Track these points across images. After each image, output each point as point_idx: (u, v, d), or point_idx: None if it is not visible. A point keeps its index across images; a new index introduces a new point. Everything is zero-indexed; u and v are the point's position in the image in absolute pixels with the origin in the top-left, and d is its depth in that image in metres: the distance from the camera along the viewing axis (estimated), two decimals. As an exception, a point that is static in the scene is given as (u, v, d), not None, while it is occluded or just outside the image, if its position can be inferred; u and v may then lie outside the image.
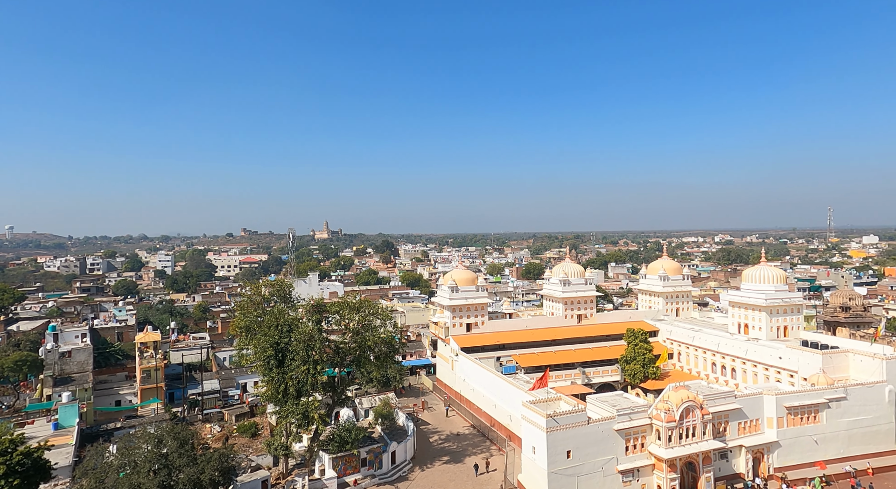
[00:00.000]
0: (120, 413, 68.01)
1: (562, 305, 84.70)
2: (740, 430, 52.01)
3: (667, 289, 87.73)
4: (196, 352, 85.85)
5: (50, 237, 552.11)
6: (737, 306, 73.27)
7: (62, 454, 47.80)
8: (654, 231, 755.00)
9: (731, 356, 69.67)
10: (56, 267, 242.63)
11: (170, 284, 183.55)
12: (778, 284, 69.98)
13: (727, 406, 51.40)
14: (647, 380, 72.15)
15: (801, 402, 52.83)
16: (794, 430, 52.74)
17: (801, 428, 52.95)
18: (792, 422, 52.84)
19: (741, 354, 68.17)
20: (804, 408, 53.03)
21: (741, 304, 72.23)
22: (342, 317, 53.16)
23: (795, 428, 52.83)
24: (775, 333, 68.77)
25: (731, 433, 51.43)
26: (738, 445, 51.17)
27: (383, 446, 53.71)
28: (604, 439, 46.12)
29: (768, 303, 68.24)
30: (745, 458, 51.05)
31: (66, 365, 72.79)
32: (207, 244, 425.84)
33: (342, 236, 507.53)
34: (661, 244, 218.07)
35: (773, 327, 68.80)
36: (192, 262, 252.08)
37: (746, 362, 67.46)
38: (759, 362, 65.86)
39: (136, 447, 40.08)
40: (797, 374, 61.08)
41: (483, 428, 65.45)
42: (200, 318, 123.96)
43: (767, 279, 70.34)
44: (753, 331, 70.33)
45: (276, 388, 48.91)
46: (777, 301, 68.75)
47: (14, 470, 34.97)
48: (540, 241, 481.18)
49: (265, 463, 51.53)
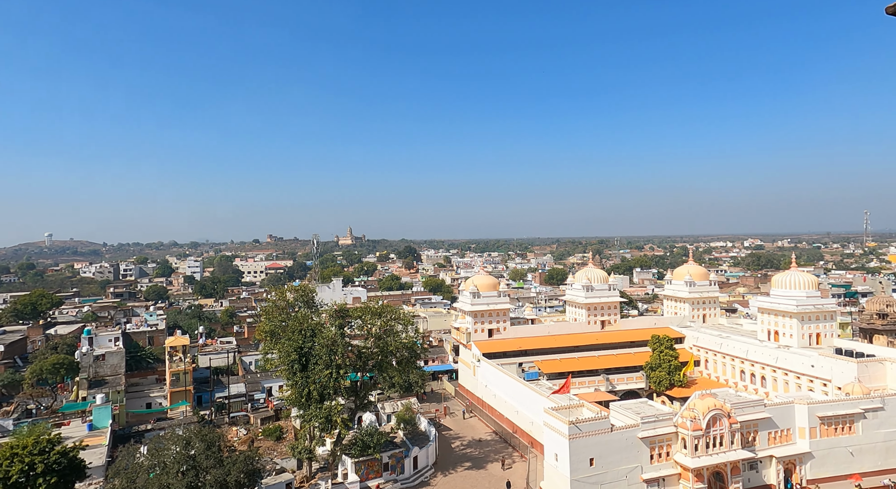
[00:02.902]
0: (150, 415, 69.90)
1: (585, 311, 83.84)
2: (770, 440, 50.57)
3: (693, 295, 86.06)
4: (223, 356, 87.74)
5: (86, 244, 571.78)
6: (766, 313, 71.43)
7: (96, 454, 49.36)
8: (680, 235, 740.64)
9: (761, 364, 67.85)
10: (91, 273, 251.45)
11: (198, 290, 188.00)
12: (810, 290, 68.02)
13: (756, 415, 50.09)
14: (672, 387, 70.78)
15: (835, 412, 51.14)
16: (827, 441, 51.04)
17: (836, 439, 51.22)
18: (826, 433, 51.15)
19: (771, 362, 66.34)
20: (838, 418, 51.31)
21: (771, 311, 70.38)
22: (364, 322, 53.71)
23: (829, 438, 51.13)
24: (807, 341, 66.77)
25: (760, 443, 50.06)
26: (769, 456, 49.76)
27: (405, 451, 53.92)
28: (628, 447, 45.45)
29: (799, 309, 66.35)
30: (775, 469, 49.60)
31: (101, 368, 75.25)
32: (235, 250, 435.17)
33: (365, 242, 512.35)
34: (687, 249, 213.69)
35: (805, 334, 66.82)
36: (220, 268, 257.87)
37: (777, 370, 65.61)
38: (790, 370, 64.00)
39: (165, 448, 41.18)
40: (831, 383, 59.14)
41: (505, 434, 65.13)
42: (227, 323, 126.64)
43: (799, 285, 68.43)
44: (784, 339, 68.41)
45: (299, 392, 49.67)
46: (809, 307, 66.79)
47: (51, 468, 36.36)
48: (563, 247, 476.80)
49: (289, 466, 52.30)
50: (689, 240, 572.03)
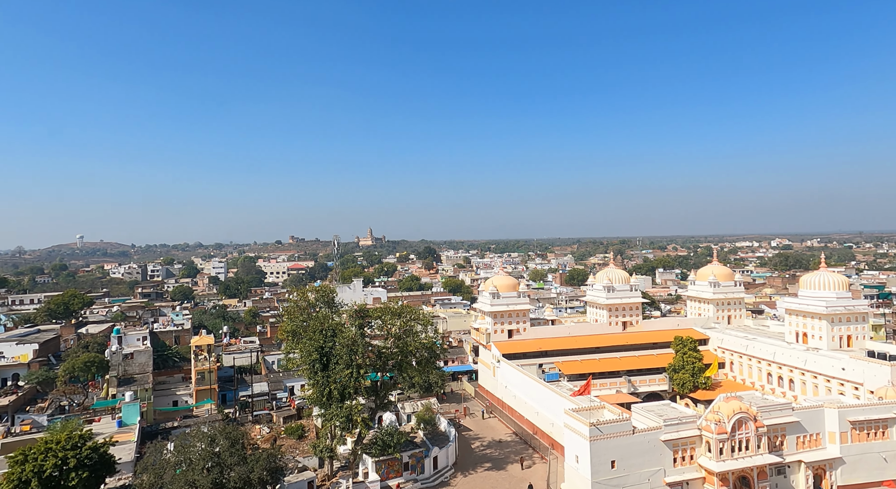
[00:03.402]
0: (177, 413, 71.53)
1: (606, 312, 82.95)
2: (799, 445, 49.28)
3: (717, 296, 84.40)
4: (246, 355, 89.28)
5: (115, 245, 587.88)
6: (794, 314, 69.62)
7: (125, 450, 50.70)
8: (704, 235, 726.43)
9: (789, 366, 66.17)
10: (120, 273, 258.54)
11: (222, 290, 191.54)
12: (840, 291, 66.07)
13: (784, 419, 48.87)
14: (696, 389, 69.54)
15: (867, 417, 49.60)
16: (859, 446, 49.54)
17: (868, 444, 49.67)
18: (857, 438, 49.66)
19: (799, 365, 64.64)
20: (871, 422, 49.76)
21: (799, 312, 68.58)
22: (384, 323, 54.11)
23: (861, 444, 49.62)
24: (837, 343, 64.85)
25: (788, 447, 48.81)
26: (797, 461, 48.52)
27: (425, 451, 54.11)
28: (650, 450, 44.83)
29: (829, 311, 64.51)
30: (804, 475, 48.34)
31: (129, 366, 77.30)
32: (258, 251, 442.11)
33: (385, 243, 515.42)
34: (712, 249, 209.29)
35: (835, 336, 64.91)
36: (244, 269, 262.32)
37: (805, 373, 63.90)
38: (819, 373, 62.26)
39: (191, 445, 42.10)
40: (862, 387, 57.35)
41: (525, 435, 64.83)
42: (251, 323, 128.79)
43: (828, 285, 66.55)
44: (813, 341, 66.59)
45: (320, 391, 50.31)
46: (839, 309, 64.87)
47: (83, 463, 37.52)
48: (584, 247, 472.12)
49: (311, 464, 52.95)
50: (714, 240, 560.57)
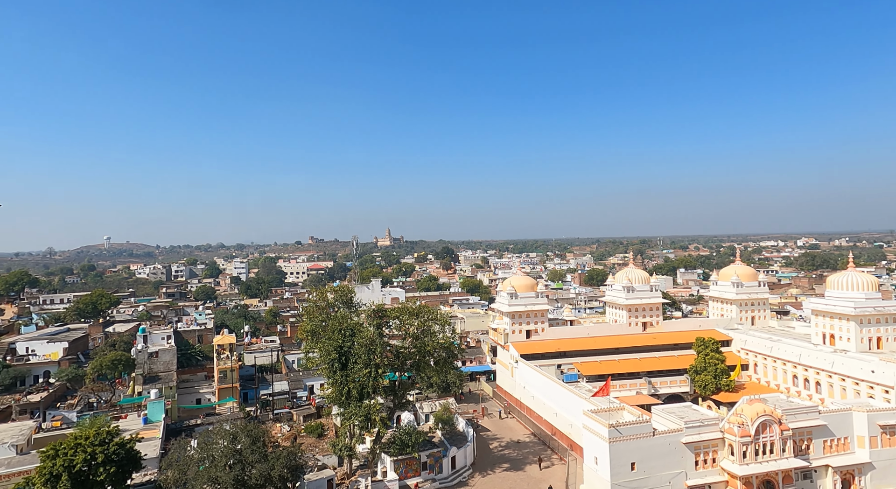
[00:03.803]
0: (200, 410, 72.97)
1: (625, 312, 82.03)
2: (826, 449, 48.12)
3: (740, 297, 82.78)
4: (267, 354, 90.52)
5: (140, 246, 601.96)
6: (821, 315, 67.90)
7: (150, 446, 51.93)
8: (727, 235, 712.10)
9: (815, 369, 64.53)
10: (146, 274, 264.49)
11: (244, 290, 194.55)
12: (869, 291, 64.22)
13: (810, 422, 47.78)
14: (719, 391, 68.29)
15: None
16: (890, 451, 48.18)
17: (899, 449, 48.22)
18: (888, 442, 48.29)
19: (826, 367, 62.99)
20: (902, 427, 48.28)
21: (826, 313, 66.87)
22: (402, 323, 54.38)
23: (892, 449, 48.29)
24: (867, 345, 63.06)
25: (815, 451, 47.71)
26: (824, 465, 47.36)
27: (443, 451, 54.25)
28: (671, 452, 44.24)
29: (858, 312, 62.76)
30: (832, 480, 47.17)
31: (154, 364, 79.13)
32: (278, 252, 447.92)
33: (404, 243, 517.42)
34: (735, 249, 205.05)
35: (864, 338, 63.13)
36: (264, 269, 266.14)
37: (833, 375, 62.24)
38: (847, 376, 60.58)
39: (213, 442, 42.91)
40: (893, 390, 55.57)
41: (544, 436, 64.51)
42: (271, 322, 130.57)
43: (856, 286, 64.76)
44: (841, 343, 64.85)
45: (339, 391, 50.80)
46: (868, 309, 63.07)
47: (111, 458, 38.52)
48: (603, 247, 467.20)
49: (331, 463, 53.50)
50: (737, 239, 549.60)
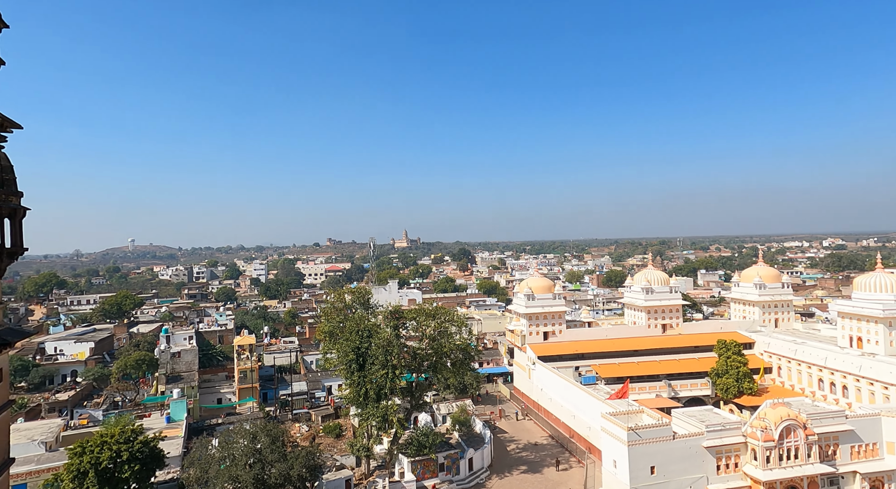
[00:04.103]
0: (221, 410, 74.12)
1: (644, 314, 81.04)
2: (854, 455, 46.90)
3: (763, 298, 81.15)
4: (286, 355, 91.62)
5: (163, 248, 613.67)
6: (847, 317, 66.20)
7: (173, 445, 52.95)
8: (750, 235, 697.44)
9: (842, 372, 62.93)
10: (168, 275, 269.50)
11: (263, 291, 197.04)
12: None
13: (836, 427, 46.63)
14: (741, 395, 67.01)
15: (928, 427, 46.71)
16: (920, 458, 46.67)
17: (930, 456, 46.75)
18: (918, 449, 46.81)
19: (854, 370, 61.38)
20: (933, 433, 46.80)
21: (853, 315, 65.18)
22: (419, 324, 54.58)
23: (923, 455, 46.74)
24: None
25: (842, 457, 46.54)
26: (852, 471, 46.18)
27: (461, 452, 54.26)
28: (691, 456, 43.59)
29: (886, 314, 61.01)
30: (860, 486, 45.94)
31: (177, 364, 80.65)
32: (296, 253, 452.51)
33: (420, 245, 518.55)
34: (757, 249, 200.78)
35: (893, 341, 61.35)
36: (283, 271, 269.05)
37: (860, 379, 60.62)
38: (875, 380, 58.95)
39: (234, 442, 43.65)
40: (924, 395, 54.00)
41: (562, 438, 64.08)
42: (290, 323, 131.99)
43: (885, 287, 62.99)
44: (869, 346, 63.13)
45: (357, 391, 51.17)
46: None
47: (135, 456, 39.44)
48: (622, 248, 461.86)
49: (349, 463, 53.92)
50: (760, 240, 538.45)
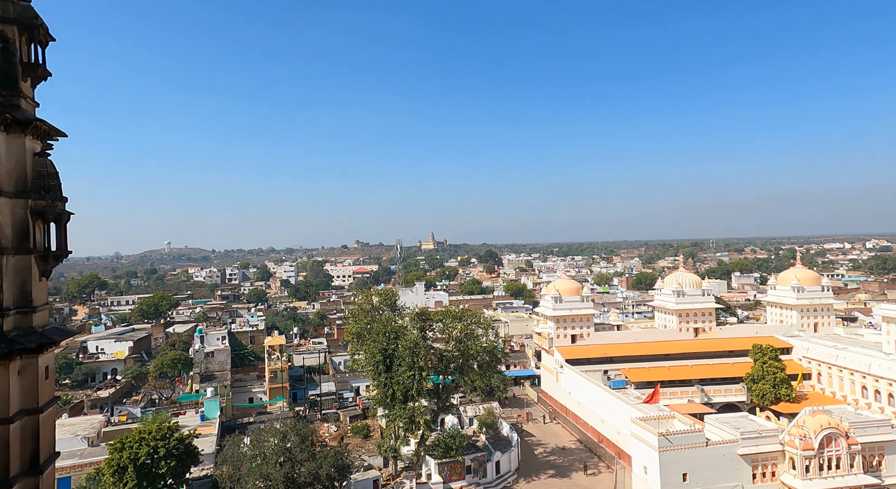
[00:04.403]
0: (252, 409, 75.79)
1: (675, 317, 79.24)
2: (900, 466, 44.77)
3: (801, 302, 78.31)
4: (315, 355, 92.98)
5: (198, 251, 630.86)
6: (894, 322, 63.30)
7: (207, 442, 54.36)
8: (787, 237, 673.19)
9: (887, 379, 60.16)
10: (202, 277, 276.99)
11: (293, 293, 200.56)
12: (948, 296, 59.38)
13: (882, 436, 44.67)
14: (778, 402, 64.81)
15: (983, 438, 44.27)
16: (974, 471, 44.24)
17: (985, 469, 44.27)
18: (971, 462, 44.38)
19: (900, 378, 58.64)
20: None
21: (899, 320, 62.28)
22: (445, 326, 54.68)
23: (976, 468, 44.30)
24: (946, 354, 58.32)
25: (888, 468, 44.55)
26: (898, 484, 44.09)
27: (487, 455, 54.07)
28: (726, 464, 42.39)
29: (935, 318, 58.18)
30: (906, 500, 43.84)
31: (210, 364, 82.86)
32: (325, 255, 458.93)
33: (447, 247, 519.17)
34: (795, 251, 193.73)
35: (943, 347, 58.43)
36: (312, 273, 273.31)
37: (907, 387, 57.91)
38: (924, 388, 56.24)
39: (265, 440, 44.53)
40: (978, 404, 51.19)
41: (590, 443, 63.17)
42: (319, 325, 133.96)
43: (933, 290, 60.04)
44: (916, 352, 60.25)
45: (384, 392, 51.57)
46: (947, 316, 58.35)
47: (171, 453, 40.71)
48: (652, 250, 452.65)
49: (376, 463, 54.34)
50: (799, 241, 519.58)
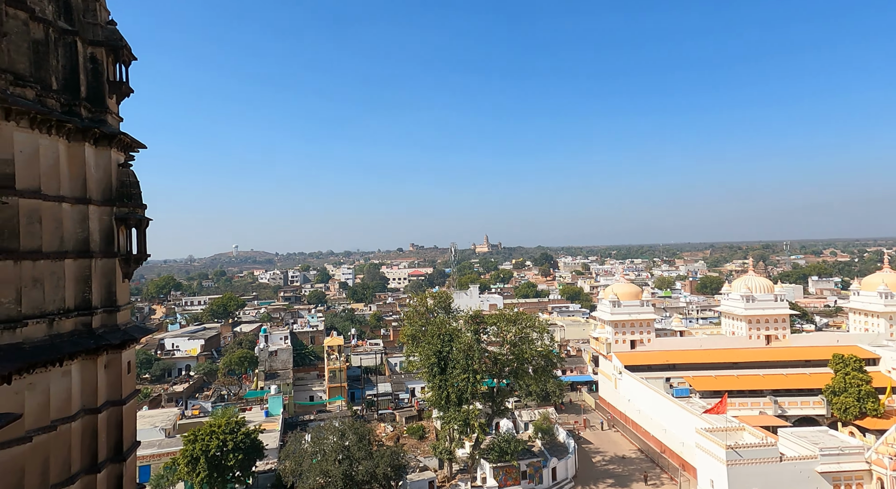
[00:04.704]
0: (313, 407, 78.46)
1: (745, 324, 74.88)
2: None
3: (890, 309, 71.87)
4: (372, 356, 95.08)
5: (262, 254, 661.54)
6: None
7: (271, 437, 56.78)
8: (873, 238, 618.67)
9: None
10: (266, 279, 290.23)
11: (351, 295, 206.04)
12: None
13: None
14: (864, 417, 59.71)
15: None
16: None
17: None
18: None
19: None
20: None
21: None
22: (500, 329, 54.43)
23: None
24: None
25: None
26: None
27: (543, 461, 53.24)
28: (802, 481, 39.57)
29: None
30: None
31: (274, 362, 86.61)
32: (381, 258, 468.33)
33: (501, 249, 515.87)
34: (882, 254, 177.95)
35: None
36: (369, 275, 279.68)
37: None
38: None
39: (324, 438, 46.02)
40: None
41: (652, 453, 60.79)
42: (375, 326, 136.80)
43: None
44: None
45: (439, 394, 51.93)
46: None
47: (239, 446, 42.98)
48: (718, 252, 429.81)
49: (431, 465, 54.79)
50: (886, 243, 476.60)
